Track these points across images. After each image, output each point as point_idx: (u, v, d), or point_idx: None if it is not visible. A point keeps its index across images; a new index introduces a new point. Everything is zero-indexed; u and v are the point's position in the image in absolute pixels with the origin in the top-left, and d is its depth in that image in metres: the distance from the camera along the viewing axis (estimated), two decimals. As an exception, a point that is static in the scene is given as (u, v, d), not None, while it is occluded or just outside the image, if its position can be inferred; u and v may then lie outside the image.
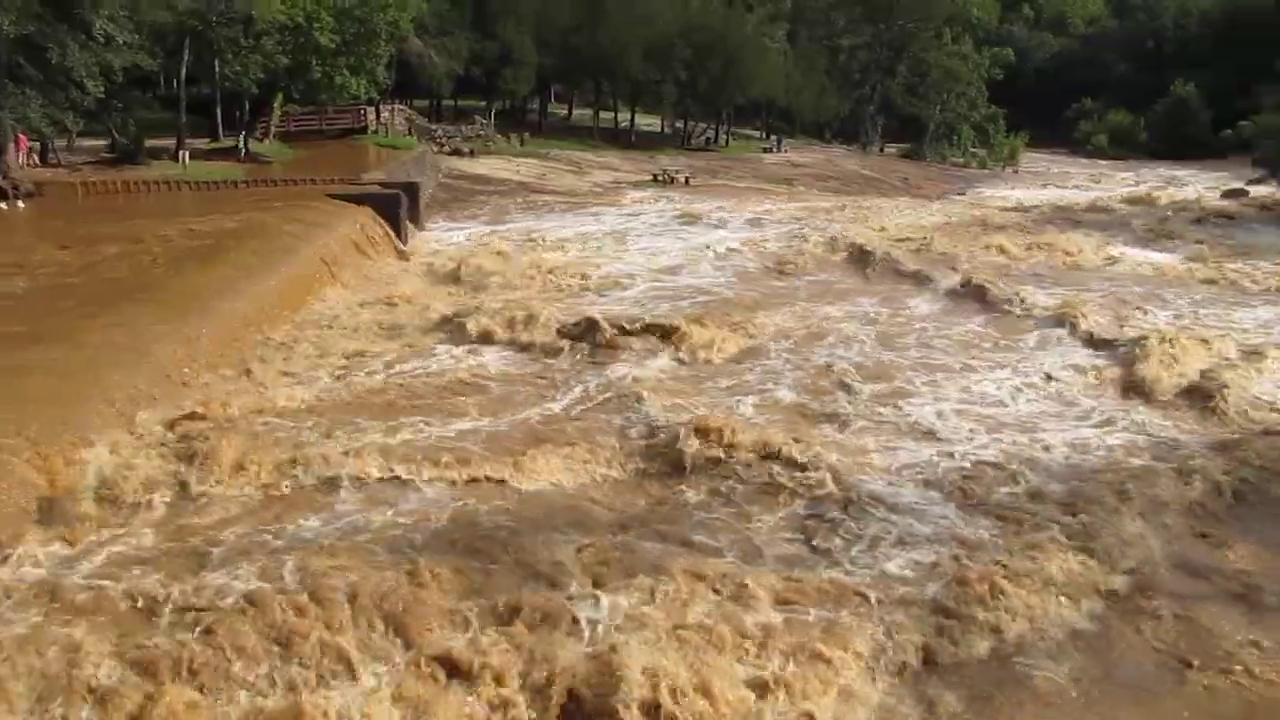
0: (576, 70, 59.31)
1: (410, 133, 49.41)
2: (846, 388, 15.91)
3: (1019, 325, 21.00)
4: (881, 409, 14.93)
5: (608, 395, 14.95)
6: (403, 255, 25.99)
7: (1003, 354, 18.79)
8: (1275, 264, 29.48)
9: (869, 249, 28.97)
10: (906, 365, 17.52)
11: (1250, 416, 15.26)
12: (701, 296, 22.86)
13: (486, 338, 17.72)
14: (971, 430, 14.28)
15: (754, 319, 19.97)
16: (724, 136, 65.63)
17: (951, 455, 13.17)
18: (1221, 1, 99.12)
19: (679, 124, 63.87)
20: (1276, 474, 12.85)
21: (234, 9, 35.84)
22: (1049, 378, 17.09)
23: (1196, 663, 8.99)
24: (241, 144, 37.58)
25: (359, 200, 26.82)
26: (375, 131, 46.31)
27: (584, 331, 17.89)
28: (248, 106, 41.24)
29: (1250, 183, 51.46)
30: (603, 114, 63.56)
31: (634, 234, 32.05)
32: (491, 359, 16.75)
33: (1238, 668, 8.95)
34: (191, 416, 12.28)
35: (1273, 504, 12.27)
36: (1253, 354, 18.55)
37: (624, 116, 62.79)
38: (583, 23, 55.90)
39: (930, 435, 14.01)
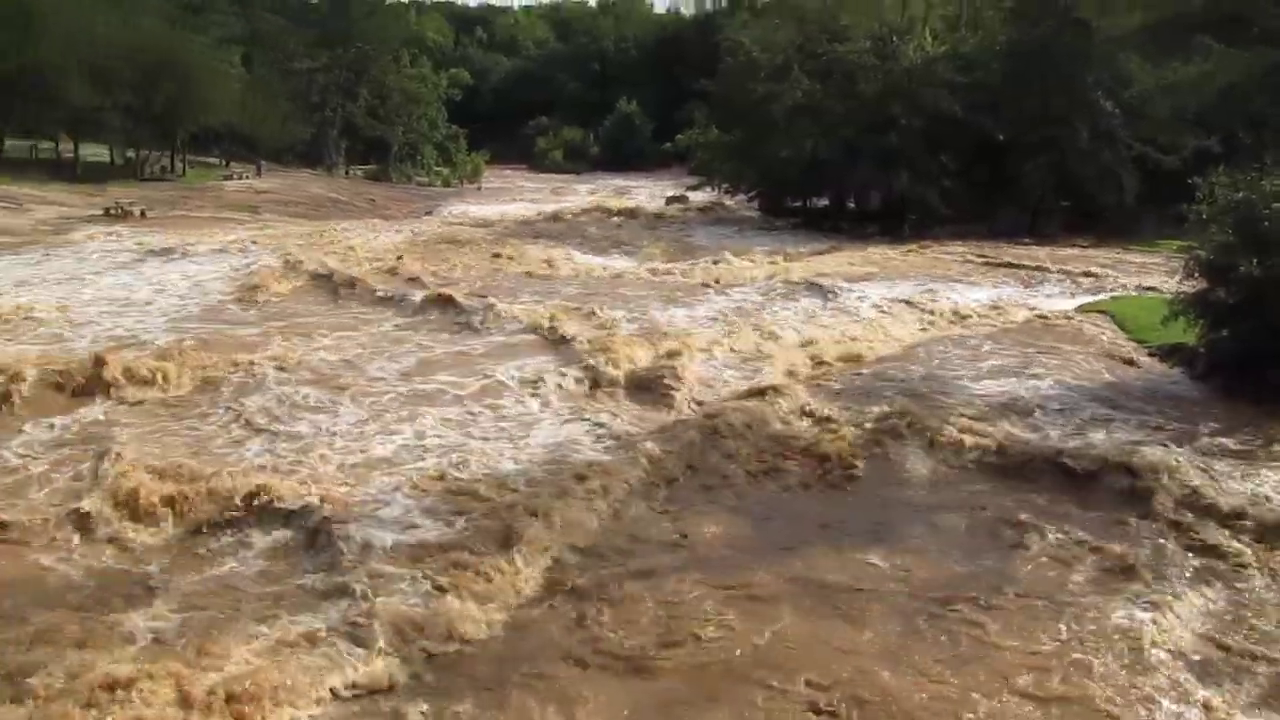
0: (7, 96, 53.56)
1: None
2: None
3: (493, 336, 21.80)
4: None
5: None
6: None
7: (479, 365, 19.44)
8: (712, 261, 32.88)
9: (339, 273, 28.79)
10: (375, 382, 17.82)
11: (693, 400, 17.09)
12: (164, 336, 21.69)
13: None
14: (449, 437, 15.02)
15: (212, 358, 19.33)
16: (180, 165, 62.17)
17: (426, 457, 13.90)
18: (654, 29, 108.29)
19: (130, 153, 59.69)
20: (712, 446, 14.55)
21: None
22: (530, 384, 18.06)
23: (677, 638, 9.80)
24: None
25: None
26: None
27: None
28: None
29: (689, 189, 56.60)
30: (43, 144, 58.24)
31: (88, 273, 29.68)
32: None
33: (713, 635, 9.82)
34: None
35: (710, 473, 13.90)
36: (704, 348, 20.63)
37: (67, 147, 57.77)
38: (13, 43, 50.66)
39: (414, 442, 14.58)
